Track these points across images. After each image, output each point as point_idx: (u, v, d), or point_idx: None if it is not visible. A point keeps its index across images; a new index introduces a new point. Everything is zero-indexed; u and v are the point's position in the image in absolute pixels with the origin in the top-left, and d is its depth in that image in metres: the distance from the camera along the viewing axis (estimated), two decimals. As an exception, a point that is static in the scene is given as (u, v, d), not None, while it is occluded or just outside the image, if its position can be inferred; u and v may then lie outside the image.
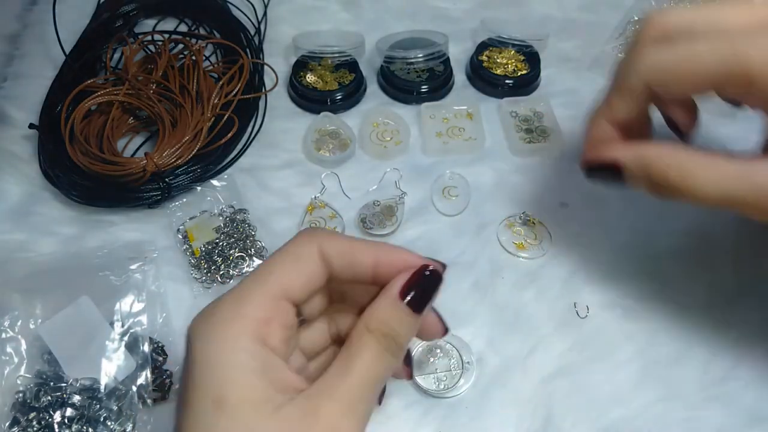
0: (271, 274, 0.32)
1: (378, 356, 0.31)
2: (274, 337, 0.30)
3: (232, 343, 0.29)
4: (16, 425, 0.40)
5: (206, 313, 0.31)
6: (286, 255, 0.33)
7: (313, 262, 0.32)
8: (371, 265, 0.32)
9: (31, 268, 0.47)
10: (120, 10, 0.66)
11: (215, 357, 0.29)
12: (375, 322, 0.31)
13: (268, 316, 0.30)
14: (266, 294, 0.31)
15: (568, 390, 0.43)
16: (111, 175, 0.50)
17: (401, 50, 0.61)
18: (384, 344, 0.31)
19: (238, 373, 0.28)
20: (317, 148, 0.56)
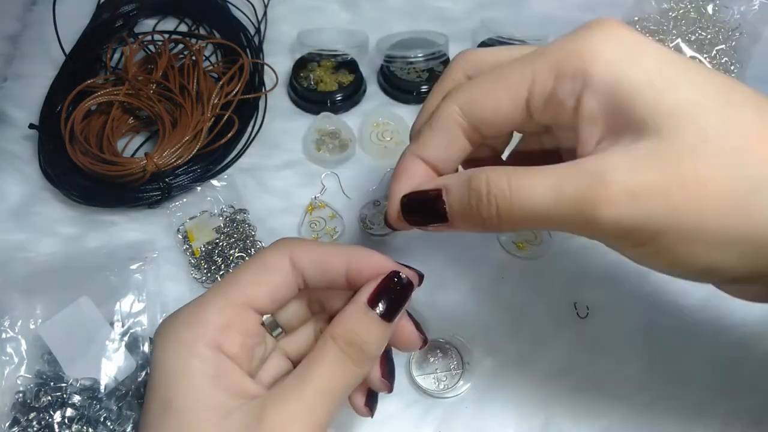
0: (236, 282, 0.31)
1: (338, 365, 0.30)
2: (231, 344, 0.30)
3: (186, 347, 0.29)
4: (16, 425, 0.40)
5: (169, 318, 0.31)
6: (252, 264, 0.32)
7: (281, 270, 0.32)
8: (343, 271, 0.32)
9: (31, 268, 0.47)
10: (120, 10, 0.66)
11: (168, 361, 0.29)
12: (340, 329, 0.30)
13: (227, 323, 0.30)
14: (227, 301, 0.31)
15: (568, 390, 0.43)
16: (111, 175, 0.50)
17: (401, 50, 0.61)
18: (348, 352, 0.30)
19: (187, 378, 0.29)
20: (317, 148, 0.56)
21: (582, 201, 0.26)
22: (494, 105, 0.31)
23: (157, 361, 0.30)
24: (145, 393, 0.30)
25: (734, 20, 0.64)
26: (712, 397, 0.42)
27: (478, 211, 0.29)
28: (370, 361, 0.31)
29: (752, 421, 0.41)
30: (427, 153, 0.34)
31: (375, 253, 0.32)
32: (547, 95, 0.29)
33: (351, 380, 0.31)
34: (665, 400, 0.42)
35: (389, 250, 0.51)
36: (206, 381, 0.29)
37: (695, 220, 0.25)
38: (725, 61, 0.61)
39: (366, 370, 0.31)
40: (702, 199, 0.25)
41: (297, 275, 0.32)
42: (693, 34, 0.63)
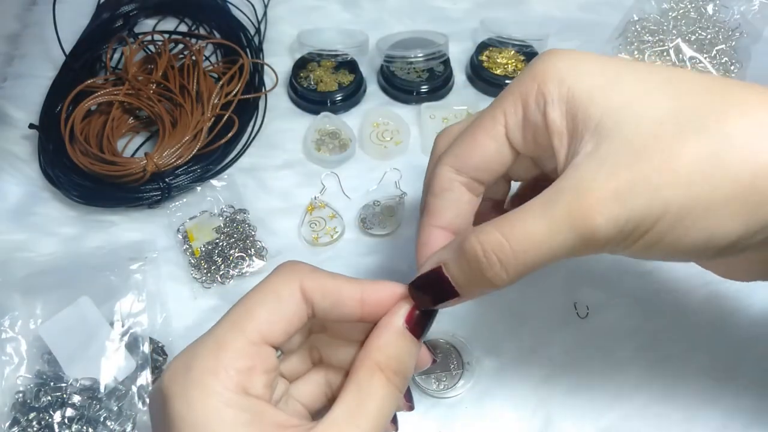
0: (250, 318, 0.30)
1: (390, 396, 0.29)
2: (257, 385, 0.29)
3: (215, 399, 0.27)
4: (16, 425, 0.40)
5: (182, 366, 0.28)
6: (265, 295, 0.31)
7: (294, 302, 0.30)
8: (359, 305, 0.31)
9: (31, 268, 0.47)
10: (120, 10, 0.66)
11: (199, 417, 0.27)
12: (385, 358, 0.30)
13: (250, 365, 0.29)
14: (245, 341, 0.29)
15: (568, 390, 0.43)
16: (111, 175, 0.50)
17: (401, 50, 0.61)
18: (395, 381, 0.30)
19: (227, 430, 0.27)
20: (317, 148, 0.56)
21: (574, 218, 0.26)
22: (480, 151, 0.32)
23: (181, 416, 0.27)
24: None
25: (734, 20, 0.64)
26: (712, 397, 0.42)
27: (482, 274, 0.29)
28: (408, 383, 0.31)
29: (752, 421, 0.41)
30: (438, 220, 0.34)
31: (389, 283, 0.32)
32: (521, 124, 0.31)
33: (396, 406, 0.31)
34: (665, 400, 0.42)
35: (389, 250, 0.51)
36: (245, 429, 0.27)
37: (681, 195, 0.26)
38: (725, 61, 0.61)
39: (404, 391, 0.31)
40: (678, 176, 0.26)
41: (308, 306, 0.31)
42: (693, 34, 0.63)
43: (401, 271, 0.49)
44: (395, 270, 0.50)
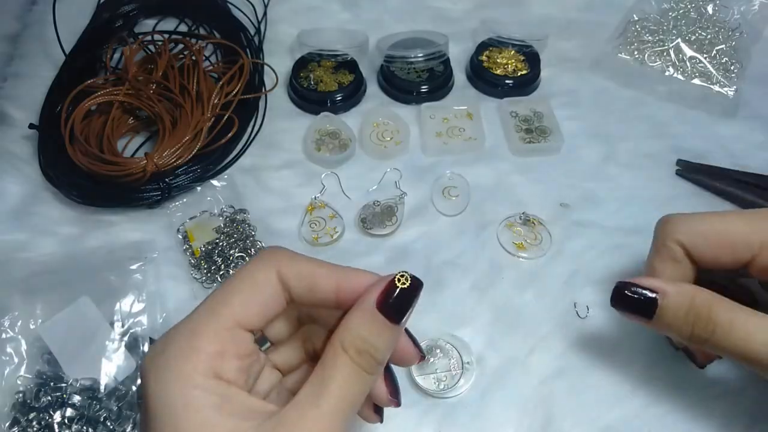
0: (225, 303, 0.30)
1: (353, 376, 0.29)
2: (229, 369, 0.29)
3: (184, 381, 0.28)
4: (16, 425, 0.40)
5: (158, 349, 0.29)
6: (241, 281, 0.31)
7: (269, 287, 0.31)
8: (334, 291, 0.31)
9: (31, 268, 0.47)
10: (120, 10, 0.66)
11: (169, 396, 0.28)
12: (349, 337, 0.29)
13: (222, 349, 0.29)
14: (219, 325, 0.30)
15: (568, 390, 0.43)
16: (111, 175, 0.50)
17: (401, 50, 0.61)
18: (360, 362, 0.29)
19: (193, 412, 0.27)
20: (317, 148, 0.56)
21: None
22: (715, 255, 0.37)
23: (154, 396, 0.28)
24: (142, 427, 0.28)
25: (734, 20, 0.64)
26: (712, 397, 0.42)
27: (691, 327, 0.34)
28: (381, 367, 0.30)
29: (752, 421, 0.41)
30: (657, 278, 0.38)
31: (367, 273, 0.32)
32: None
33: (364, 388, 0.30)
34: (665, 400, 0.42)
35: (389, 250, 0.51)
36: (213, 411, 0.28)
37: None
38: (725, 61, 0.61)
39: (377, 375, 0.31)
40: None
41: (285, 290, 0.31)
42: (693, 34, 0.63)
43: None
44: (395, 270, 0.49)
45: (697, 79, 0.60)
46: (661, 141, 0.58)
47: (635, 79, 0.62)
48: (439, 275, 0.49)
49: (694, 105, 0.60)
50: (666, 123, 0.59)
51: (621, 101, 0.61)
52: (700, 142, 0.58)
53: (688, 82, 0.60)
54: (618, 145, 0.57)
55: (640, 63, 0.62)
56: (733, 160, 0.55)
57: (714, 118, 0.60)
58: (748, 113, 0.60)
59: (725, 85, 0.59)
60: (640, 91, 0.62)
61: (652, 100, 0.61)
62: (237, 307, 0.30)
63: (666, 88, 0.61)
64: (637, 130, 0.59)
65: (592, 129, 0.59)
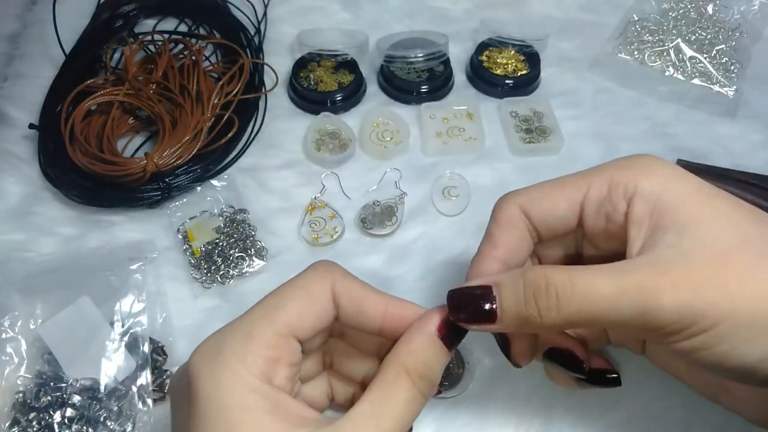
0: (282, 309, 0.31)
1: (414, 400, 0.30)
2: (280, 376, 0.30)
3: (241, 383, 0.28)
4: (16, 425, 0.40)
5: (212, 349, 0.30)
6: (298, 290, 0.32)
7: (324, 300, 0.32)
8: (380, 318, 0.32)
9: (31, 268, 0.47)
10: (120, 10, 0.66)
11: (225, 399, 0.28)
12: (413, 361, 0.30)
13: (276, 356, 0.30)
14: (275, 331, 0.30)
15: (568, 390, 0.43)
16: (111, 175, 0.50)
17: (401, 50, 0.61)
18: (420, 386, 0.30)
19: (249, 414, 0.28)
20: (317, 148, 0.56)
21: (643, 291, 0.28)
22: (552, 205, 0.34)
23: (206, 395, 0.28)
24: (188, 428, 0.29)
25: (734, 20, 0.64)
26: (712, 397, 0.42)
27: (535, 303, 0.30)
28: (434, 390, 0.31)
29: (752, 421, 0.41)
30: (498, 251, 0.35)
31: (414, 305, 0.33)
32: (600, 200, 0.33)
33: (419, 411, 0.31)
34: (665, 400, 0.42)
35: (389, 250, 0.51)
36: (267, 415, 0.28)
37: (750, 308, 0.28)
38: (725, 61, 0.61)
39: (429, 398, 0.31)
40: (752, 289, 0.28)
41: (334, 308, 0.32)
42: (693, 34, 0.63)
43: (401, 271, 0.49)
44: (395, 270, 0.50)
45: (697, 79, 0.60)
46: (661, 141, 0.58)
47: (635, 79, 0.62)
48: (439, 275, 0.48)
49: (694, 105, 0.60)
50: (666, 123, 0.59)
51: (621, 101, 0.61)
52: (700, 142, 0.58)
53: (688, 82, 0.60)
54: (618, 145, 0.57)
55: (640, 63, 0.62)
56: (733, 160, 0.55)
57: (714, 118, 0.60)
58: (748, 113, 0.60)
59: (725, 85, 0.59)
60: (640, 91, 0.62)
61: (652, 100, 0.61)
62: (293, 315, 0.31)
63: (666, 88, 0.61)
64: (637, 130, 0.59)
65: (592, 129, 0.59)
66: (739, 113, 0.59)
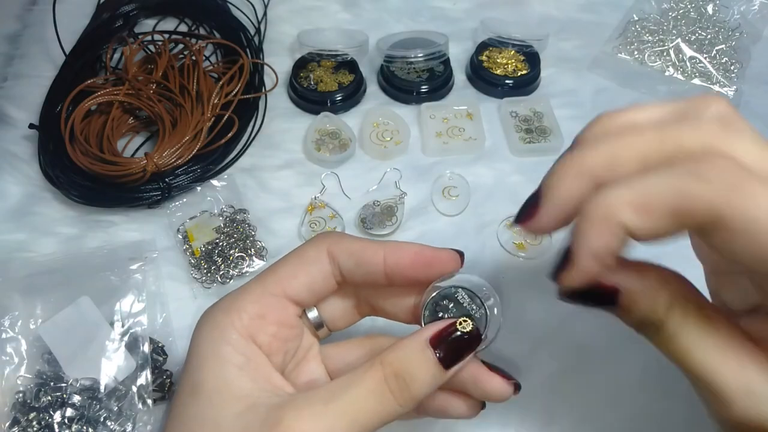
0: (273, 272, 0.32)
1: (377, 393, 0.28)
2: (264, 333, 0.30)
3: (219, 334, 0.30)
4: (16, 425, 0.40)
5: (211, 306, 0.32)
6: (291, 256, 0.33)
7: (319, 262, 0.32)
8: (380, 262, 0.32)
9: (31, 268, 0.47)
10: (120, 10, 0.66)
11: (202, 346, 0.30)
12: (392, 357, 0.29)
13: (263, 312, 0.31)
14: (264, 290, 0.31)
15: (568, 390, 0.43)
16: (111, 175, 0.50)
17: (401, 50, 0.61)
18: (391, 383, 0.28)
19: (218, 364, 0.29)
20: (317, 148, 0.56)
21: None
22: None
23: (192, 345, 0.31)
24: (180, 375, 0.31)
25: (734, 20, 0.64)
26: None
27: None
28: (412, 402, 0.29)
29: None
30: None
31: (411, 243, 0.32)
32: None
33: (384, 415, 0.28)
34: (665, 400, 0.42)
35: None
36: (235, 369, 0.29)
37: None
38: (725, 61, 0.61)
39: (405, 410, 0.29)
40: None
41: (334, 268, 0.32)
42: (693, 34, 0.63)
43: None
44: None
45: (697, 79, 0.60)
46: (661, 141, 0.58)
47: (635, 79, 0.62)
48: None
49: (694, 105, 0.60)
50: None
51: (621, 101, 0.61)
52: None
53: (688, 82, 0.60)
54: (618, 145, 0.57)
55: (640, 63, 0.62)
56: (733, 160, 0.55)
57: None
58: (748, 113, 0.59)
59: (725, 85, 0.59)
60: (640, 91, 0.62)
61: (652, 100, 0.61)
62: (283, 276, 0.32)
63: (666, 88, 0.61)
64: (637, 130, 0.59)
65: (592, 129, 0.59)
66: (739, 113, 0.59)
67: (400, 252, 0.32)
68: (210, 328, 0.30)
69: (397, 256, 0.31)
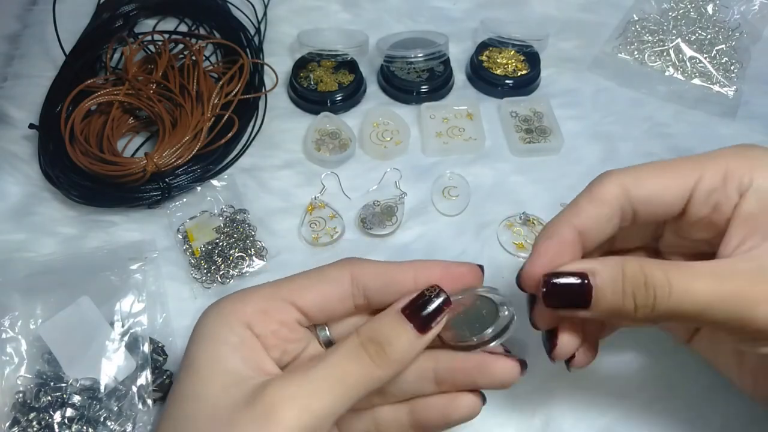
0: (289, 281, 0.33)
1: (355, 357, 0.30)
2: (264, 327, 0.31)
3: (220, 318, 0.31)
4: (16, 425, 0.40)
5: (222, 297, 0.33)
6: (312, 271, 0.34)
7: (338, 283, 0.33)
8: (411, 281, 0.32)
9: (31, 268, 0.47)
10: (120, 10, 0.66)
11: (202, 328, 0.32)
12: (366, 327, 0.31)
13: (266, 309, 0.32)
14: (274, 293, 0.32)
15: (568, 390, 0.43)
16: (111, 175, 0.50)
17: (401, 50, 0.61)
18: (368, 348, 0.30)
19: (213, 342, 0.31)
20: (317, 148, 0.56)
21: (742, 299, 0.28)
22: (661, 187, 0.32)
23: (195, 328, 0.32)
24: None
25: (734, 20, 0.64)
26: (712, 397, 0.42)
27: (632, 299, 0.29)
28: (393, 366, 0.30)
29: (752, 421, 0.41)
30: (577, 219, 0.33)
31: (437, 261, 0.33)
32: (713, 189, 0.31)
33: (365, 379, 0.30)
34: (665, 400, 0.42)
35: (389, 250, 0.51)
36: (228, 348, 0.30)
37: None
38: (725, 61, 0.61)
39: (386, 375, 0.30)
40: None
41: (357, 291, 0.33)
42: (693, 34, 0.63)
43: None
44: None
45: (697, 79, 0.60)
46: (661, 141, 0.58)
47: (635, 79, 0.62)
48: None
49: (694, 105, 0.60)
50: (666, 123, 0.59)
51: (621, 101, 0.61)
52: (700, 142, 0.58)
53: (688, 82, 0.60)
54: (618, 145, 0.57)
55: (640, 63, 0.62)
56: (733, 160, 0.55)
57: (714, 118, 0.59)
58: (747, 113, 0.60)
59: (725, 85, 0.59)
60: (640, 91, 0.62)
61: (652, 100, 0.61)
62: (297, 287, 0.33)
63: (666, 88, 0.61)
64: (637, 130, 0.59)
65: (592, 129, 0.59)
66: (739, 113, 0.59)
67: (430, 270, 0.32)
68: (213, 314, 0.32)
69: (427, 274, 0.32)
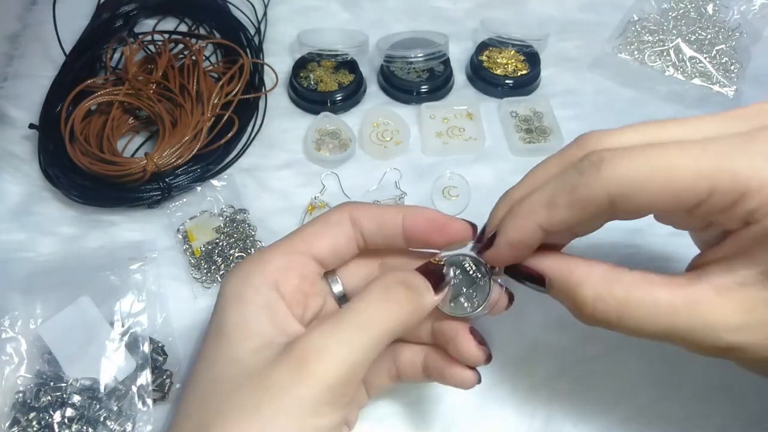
0: (300, 232, 0.35)
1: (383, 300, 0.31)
2: (287, 284, 0.33)
3: (245, 280, 0.32)
4: (16, 425, 0.40)
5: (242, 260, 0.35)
6: (316, 220, 0.35)
7: (341, 225, 0.35)
8: (399, 226, 0.34)
9: (31, 268, 0.47)
10: (120, 10, 0.66)
11: (228, 290, 0.33)
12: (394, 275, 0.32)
13: (287, 265, 0.33)
14: (290, 247, 0.34)
15: (568, 390, 0.43)
16: (111, 175, 0.50)
17: (401, 50, 0.61)
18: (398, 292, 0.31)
19: (240, 304, 0.32)
20: (317, 148, 0.56)
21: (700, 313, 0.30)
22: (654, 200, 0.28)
23: (220, 291, 0.33)
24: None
25: (734, 20, 0.64)
26: (711, 397, 0.42)
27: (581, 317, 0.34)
28: (418, 312, 0.32)
29: (752, 421, 0.41)
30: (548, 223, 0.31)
31: (428, 209, 0.35)
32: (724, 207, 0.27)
33: (395, 323, 0.31)
34: (665, 400, 0.42)
35: (389, 250, 0.51)
36: (256, 310, 0.31)
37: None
38: (725, 61, 0.61)
39: (416, 319, 0.32)
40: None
41: (356, 232, 0.35)
42: (693, 34, 0.63)
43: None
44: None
45: (697, 79, 0.60)
46: (661, 141, 0.58)
47: (635, 79, 0.62)
48: (439, 275, 0.49)
49: (694, 105, 0.60)
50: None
51: (621, 101, 0.61)
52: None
53: (688, 82, 0.60)
54: (618, 145, 0.57)
55: (640, 63, 0.62)
56: (733, 160, 0.55)
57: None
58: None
59: (725, 85, 0.59)
60: (640, 91, 0.62)
61: (652, 100, 0.61)
62: (309, 236, 0.34)
63: (666, 88, 0.61)
64: (637, 130, 0.59)
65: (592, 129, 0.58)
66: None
67: (417, 216, 0.34)
68: (237, 276, 0.33)
69: (413, 219, 0.34)
